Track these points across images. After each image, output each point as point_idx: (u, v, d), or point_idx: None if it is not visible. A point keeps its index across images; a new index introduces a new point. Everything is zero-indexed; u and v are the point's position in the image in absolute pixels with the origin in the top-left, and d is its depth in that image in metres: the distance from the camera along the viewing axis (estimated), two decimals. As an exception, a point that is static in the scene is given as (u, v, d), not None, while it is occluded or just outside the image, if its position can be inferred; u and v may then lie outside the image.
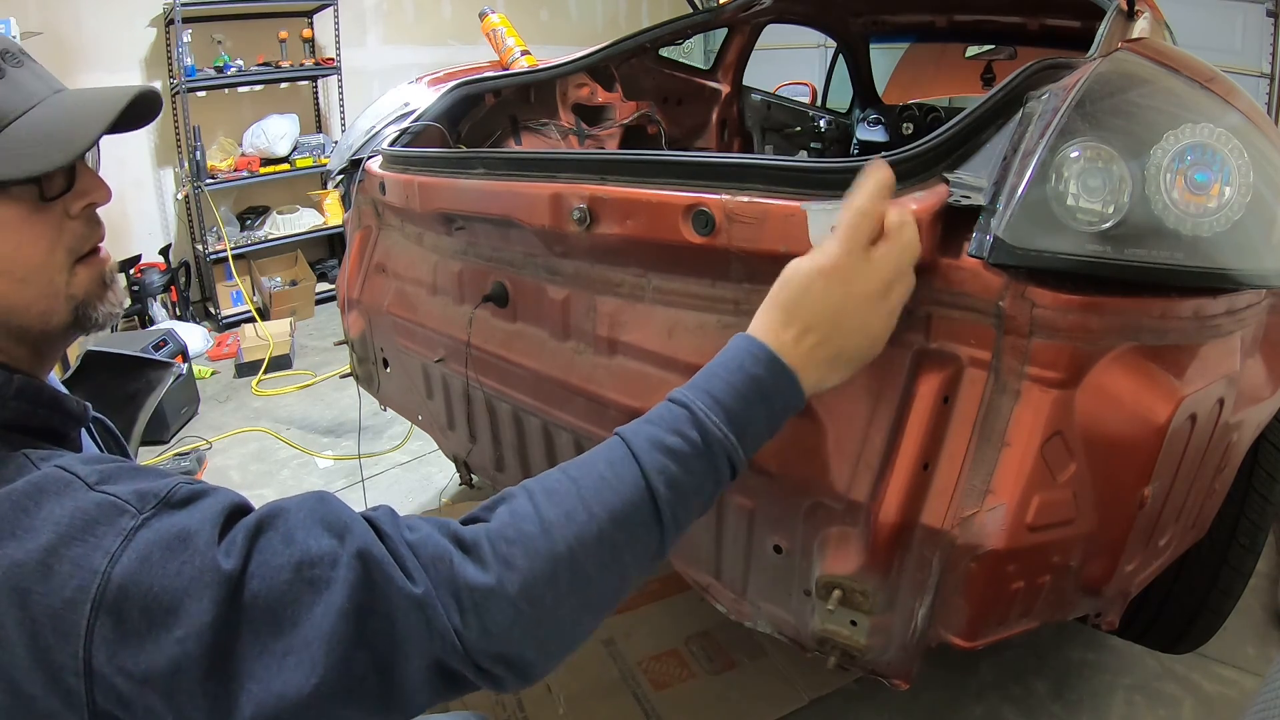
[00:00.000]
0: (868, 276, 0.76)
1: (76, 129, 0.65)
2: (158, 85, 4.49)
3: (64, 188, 0.67)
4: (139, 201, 4.56)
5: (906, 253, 0.79)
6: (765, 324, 0.74)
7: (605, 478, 0.64)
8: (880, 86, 3.22)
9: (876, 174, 0.77)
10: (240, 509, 0.60)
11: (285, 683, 0.54)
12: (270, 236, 4.86)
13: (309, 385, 3.70)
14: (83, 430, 0.80)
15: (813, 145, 3.11)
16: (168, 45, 4.42)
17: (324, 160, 4.80)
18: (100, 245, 0.72)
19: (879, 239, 0.77)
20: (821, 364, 0.74)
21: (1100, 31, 1.29)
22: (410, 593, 0.57)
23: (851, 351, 0.77)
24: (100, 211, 0.73)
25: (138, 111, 0.71)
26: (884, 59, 3.27)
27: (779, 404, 0.72)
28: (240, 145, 4.74)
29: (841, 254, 0.75)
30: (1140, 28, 1.33)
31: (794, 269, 0.76)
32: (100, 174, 0.73)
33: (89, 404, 0.76)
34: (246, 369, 3.82)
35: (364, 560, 0.57)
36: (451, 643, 0.58)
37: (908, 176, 0.94)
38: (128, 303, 4.38)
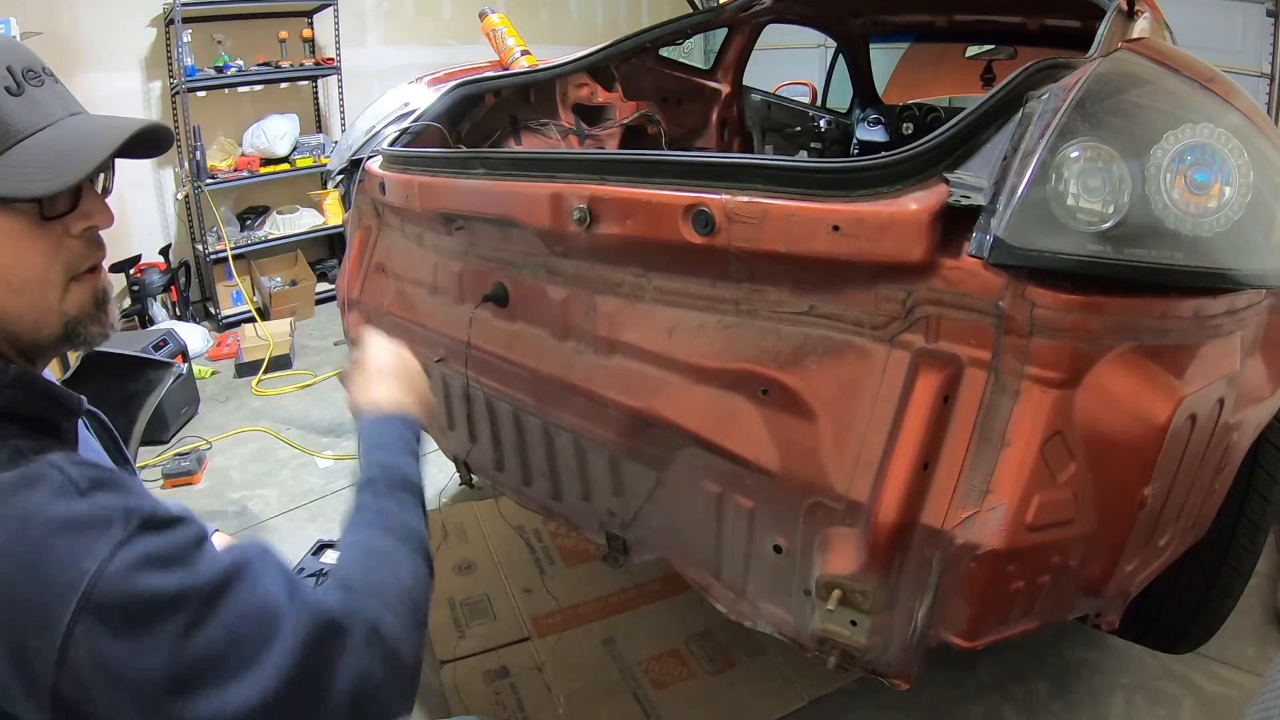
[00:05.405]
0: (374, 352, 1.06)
1: (82, 154, 0.67)
2: (157, 85, 4.50)
3: (67, 208, 0.69)
4: (139, 201, 4.55)
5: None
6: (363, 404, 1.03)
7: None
8: (880, 86, 3.22)
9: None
10: (207, 539, 0.66)
11: (238, 695, 0.59)
12: (270, 236, 4.85)
13: (309, 385, 3.70)
14: (80, 423, 0.82)
15: (813, 145, 3.11)
16: (168, 45, 4.41)
17: (324, 160, 4.78)
18: (99, 266, 0.74)
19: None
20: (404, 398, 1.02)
21: (1100, 31, 1.29)
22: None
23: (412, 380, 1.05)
24: None
25: (148, 142, 0.73)
26: (884, 59, 3.26)
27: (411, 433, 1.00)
28: (240, 145, 4.73)
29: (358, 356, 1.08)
30: (1140, 28, 1.33)
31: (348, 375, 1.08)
32: (110, 199, 0.75)
33: (83, 398, 0.78)
34: (246, 369, 3.82)
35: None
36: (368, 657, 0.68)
37: (908, 176, 0.94)
38: (119, 309, 4.39)
